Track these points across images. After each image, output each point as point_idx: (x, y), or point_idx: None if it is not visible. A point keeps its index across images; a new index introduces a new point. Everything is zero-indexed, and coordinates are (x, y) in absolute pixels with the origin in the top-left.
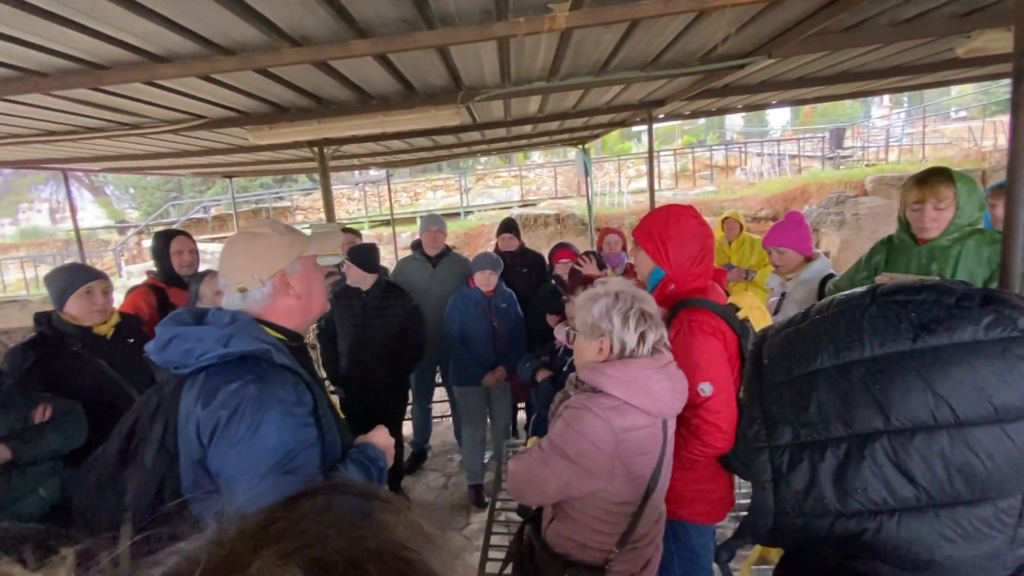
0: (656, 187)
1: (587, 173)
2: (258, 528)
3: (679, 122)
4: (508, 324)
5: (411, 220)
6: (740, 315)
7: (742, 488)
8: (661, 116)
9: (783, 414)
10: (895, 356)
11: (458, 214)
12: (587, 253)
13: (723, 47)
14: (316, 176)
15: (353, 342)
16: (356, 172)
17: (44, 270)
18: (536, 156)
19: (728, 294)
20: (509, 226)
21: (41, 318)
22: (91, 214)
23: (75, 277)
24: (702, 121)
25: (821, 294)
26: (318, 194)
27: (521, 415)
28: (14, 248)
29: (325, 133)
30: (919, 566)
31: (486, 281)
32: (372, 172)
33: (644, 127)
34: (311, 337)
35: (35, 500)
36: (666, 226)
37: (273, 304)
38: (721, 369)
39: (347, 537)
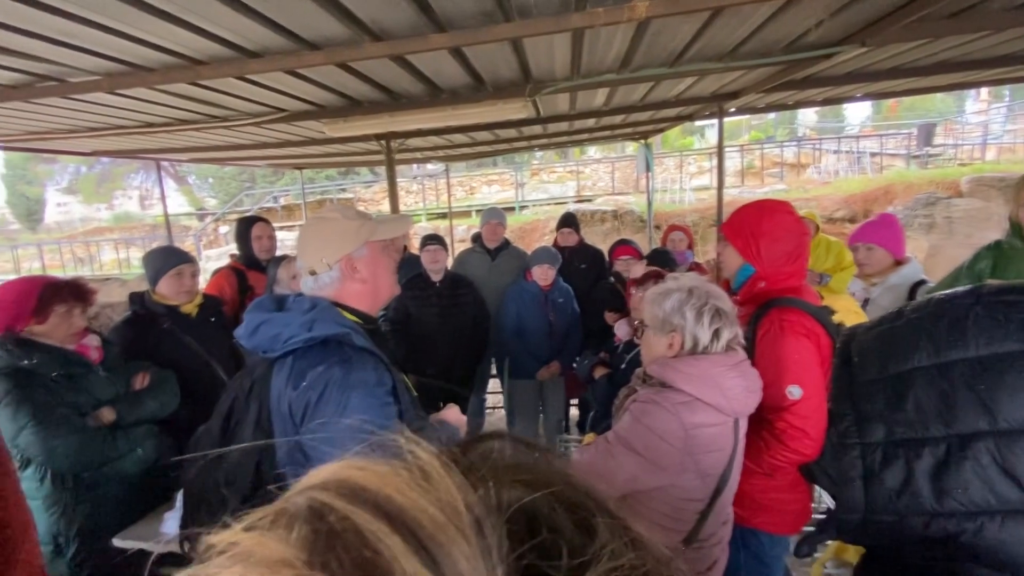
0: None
1: (648, 169)
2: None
3: (746, 117)
4: (564, 319)
5: (466, 214)
6: (836, 318)
7: (823, 503)
8: (732, 110)
9: (875, 411)
10: (1003, 356)
11: (513, 209)
12: (656, 252)
13: (815, 33)
14: (376, 169)
15: (431, 332)
16: (415, 166)
17: (134, 252)
18: (592, 151)
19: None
20: (569, 221)
21: (135, 298)
22: (174, 202)
23: (168, 259)
24: (771, 116)
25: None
26: (378, 186)
27: (573, 411)
28: (108, 231)
29: (394, 126)
30: (1019, 569)
31: (544, 275)
32: (429, 166)
33: (709, 122)
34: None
35: (134, 458)
36: (759, 221)
37: (342, 288)
38: (812, 372)
39: (538, 470)
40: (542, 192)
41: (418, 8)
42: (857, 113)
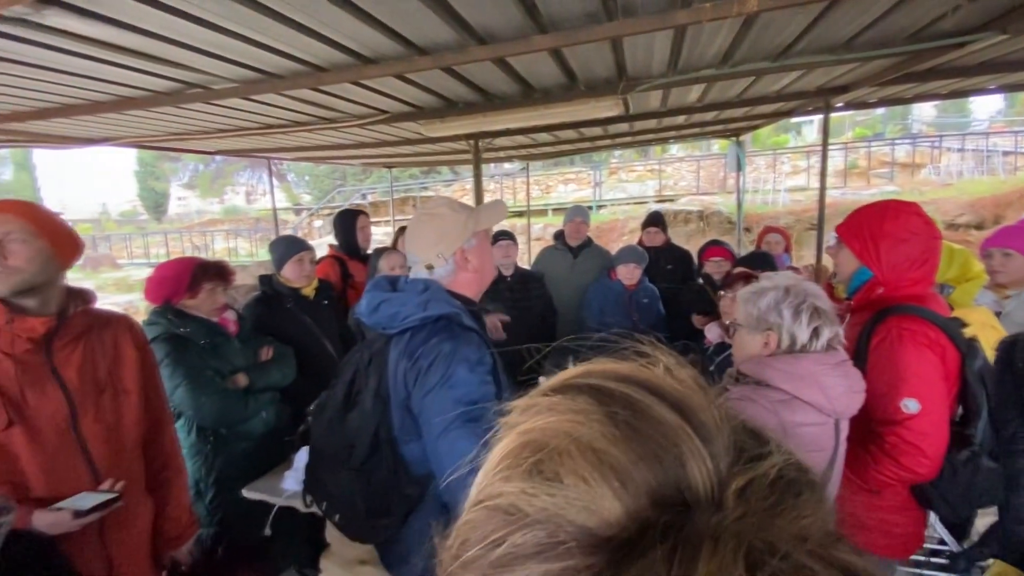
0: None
1: (740, 168)
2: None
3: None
4: (649, 320)
5: (543, 212)
6: (967, 332)
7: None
8: (840, 105)
9: None
10: None
11: (590, 208)
12: (755, 254)
13: (951, 20)
14: (457, 168)
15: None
16: (492, 165)
17: (241, 242)
18: (674, 149)
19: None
20: (655, 220)
21: (264, 280)
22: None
23: (291, 247)
24: (880, 111)
25: None
26: (458, 185)
27: None
28: (219, 223)
29: (485, 126)
30: None
31: (629, 274)
32: (507, 165)
33: (807, 118)
34: None
35: (259, 421)
36: (880, 222)
37: (455, 278)
38: (933, 387)
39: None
40: (620, 191)
41: (525, 10)
42: (986, 107)
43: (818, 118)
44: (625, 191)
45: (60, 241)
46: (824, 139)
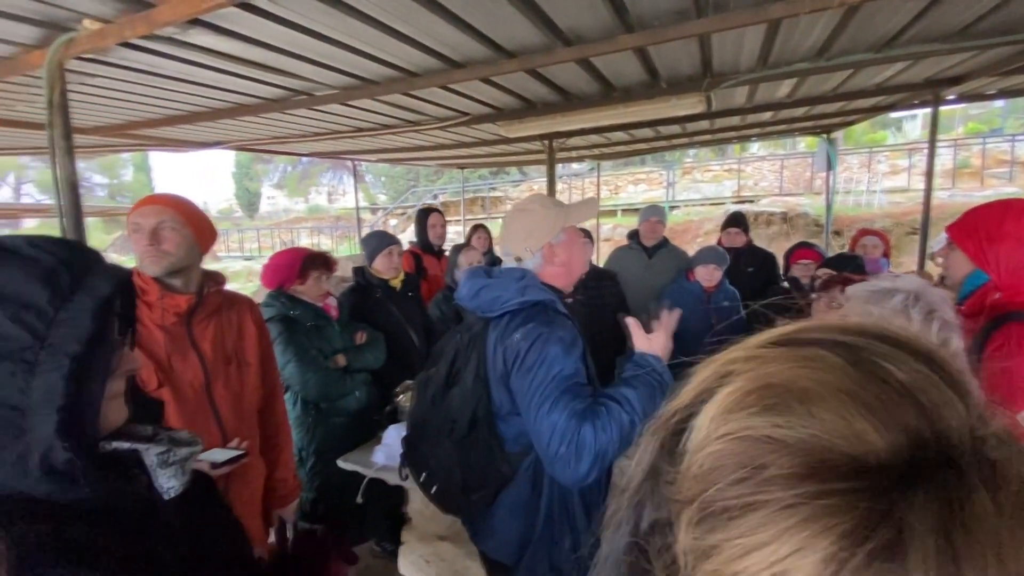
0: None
1: (831, 167)
2: None
3: (961, 106)
4: (729, 324)
5: (611, 213)
6: None
7: None
8: (951, 97)
9: None
10: None
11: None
12: (843, 256)
13: None
14: (525, 168)
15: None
16: (560, 164)
17: (323, 239)
18: (756, 147)
19: None
20: (737, 220)
21: (357, 271)
22: (351, 198)
23: (381, 241)
24: (1000, 103)
25: None
26: (526, 185)
27: None
28: (304, 220)
29: (562, 126)
30: None
31: (708, 276)
32: (575, 165)
33: (910, 112)
34: None
35: (353, 399)
36: (1000, 223)
37: (543, 271)
38: None
39: None
40: (694, 192)
41: (613, 10)
42: None
43: (924, 112)
44: (700, 191)
45: (202, 230)
46: (932, 135)
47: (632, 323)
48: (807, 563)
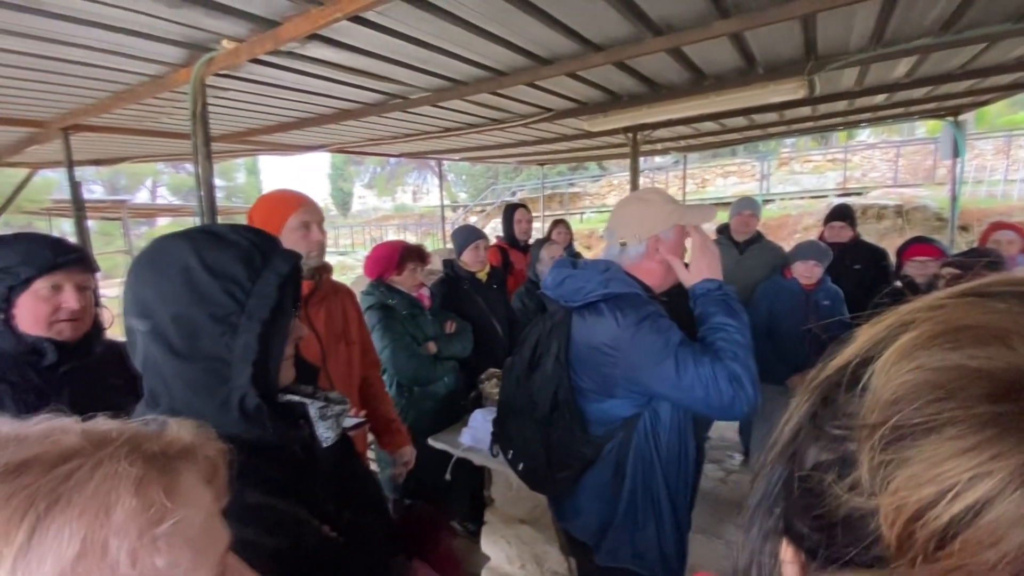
0: None
1: (958, 154)
2: None
3: None
4: (829, 325)
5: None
6: None
7: None
8: None
9: None
10: None
11: None
12: (976, 251)
13: None
14: (604, 164)
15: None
16: (643, 158)
17: (409, 236)
18: (864, 134)
19: None
20: (843, 213)
21: (446, 264)
22: (435, 196)
23: (469, 236)
24: None
25: None
26: (605, 180)
27: None
28: (391, 218)
29: (649, 117)
30: None
31: (808, 272)
32: (657, 159)
33: None
34: None
35: (442, 385)
36: None
37: (641, 263)
38: None
39: None
40: (792, 184)
41: None
42: None
43: None
44: (799, 184)
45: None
46: None
47: (673, 260)
48: (1007, 464)
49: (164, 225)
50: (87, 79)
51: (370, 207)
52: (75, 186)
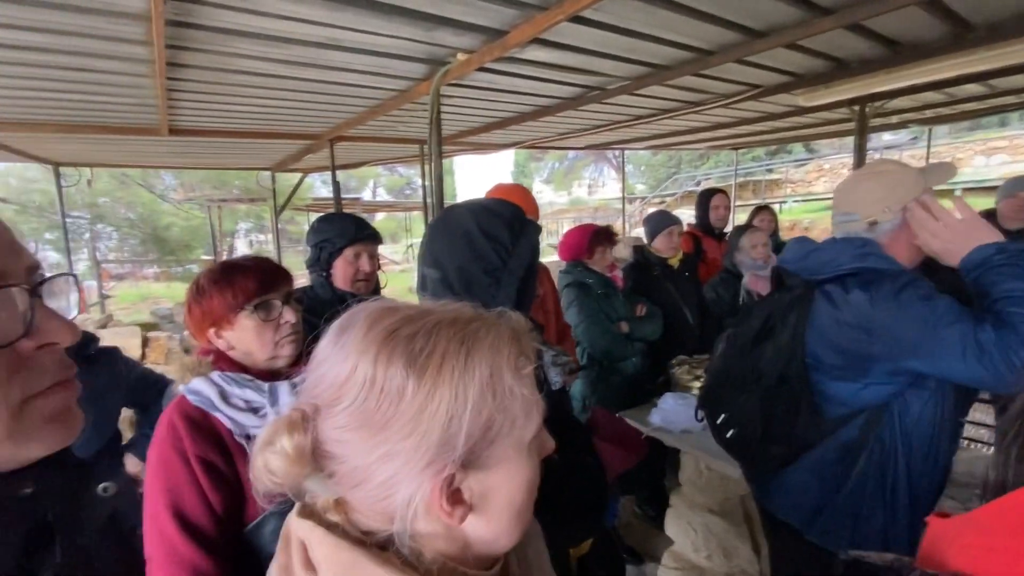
0: None
1: None
2: None
3: None
4: None
5: (946, 192)
6: None
7: None
8: None
9: None
10: None
11: None
12: None
13: None
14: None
15: None
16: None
17: None
18: None
19: None
20: None
21: (637, 250)
22: (611, 189)
23: (662, 221)
24: None
25: None
26: (813, 164)
27: None
28: (566, 212)
29: (885, 85)
30: None
31: None
32: (886, 136)
33: None
34: None
35: (630, 364)
36: None
37: (895, 239)
38: None
39: None
40: None
41: None
42: None
43: None
44: None
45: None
46: None
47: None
48: None
49: (380, 220)
50: (351, 97)
51: (546, 201)
52: (336, 186)
